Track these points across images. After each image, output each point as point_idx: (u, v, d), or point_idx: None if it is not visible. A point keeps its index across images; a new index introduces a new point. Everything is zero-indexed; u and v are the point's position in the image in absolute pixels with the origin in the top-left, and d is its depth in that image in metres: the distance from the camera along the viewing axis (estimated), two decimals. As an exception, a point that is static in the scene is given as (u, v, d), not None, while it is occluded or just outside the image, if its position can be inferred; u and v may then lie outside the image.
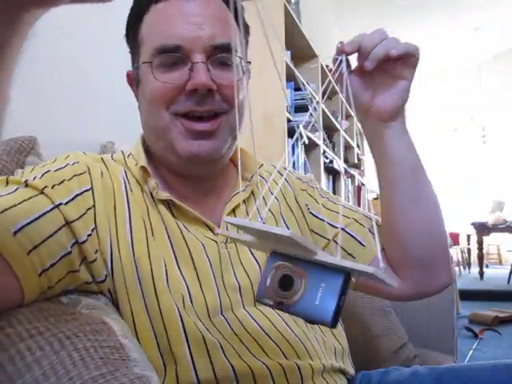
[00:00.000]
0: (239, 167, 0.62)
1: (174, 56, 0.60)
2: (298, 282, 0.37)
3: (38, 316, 0.43)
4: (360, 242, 0.71)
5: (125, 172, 0.65)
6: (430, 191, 0.68)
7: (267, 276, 0.39)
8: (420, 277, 0.69)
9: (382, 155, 0.67)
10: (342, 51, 0.59)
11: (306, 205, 0.76)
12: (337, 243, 0.73)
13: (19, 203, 0.50)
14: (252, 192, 0.71)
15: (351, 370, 0.70)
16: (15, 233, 0.47)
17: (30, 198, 0.52)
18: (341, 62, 0.59)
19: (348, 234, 0.72)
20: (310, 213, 0.76)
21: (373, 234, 0.71)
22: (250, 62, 0.68)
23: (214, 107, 0.61)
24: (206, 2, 0.62)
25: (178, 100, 0.61)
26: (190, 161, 0.63)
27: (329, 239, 0.73)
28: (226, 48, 0.61)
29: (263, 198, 0.73)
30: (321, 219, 0.74)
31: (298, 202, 0.76)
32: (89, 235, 0.56)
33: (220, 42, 0.60)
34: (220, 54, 0.61)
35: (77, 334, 0.40)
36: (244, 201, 0.70)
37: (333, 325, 0.36)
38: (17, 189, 0.52)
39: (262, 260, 0.65)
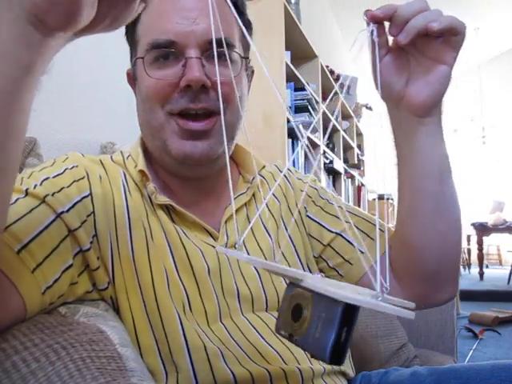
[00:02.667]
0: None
1: (167, 51, 0.59)
2: (305, 313, 0.33)
3: (33, 330, 0.42)
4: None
5: (124, 175, 0.64)
6: (455, 204, 0.61)
7: (283, 306, 0.35)
8: (424, 290, 0.65)
9: (408, 156, 0.59)
10: (371, 18, 0.48)
11: (304, 207, 0.74)
12: (333, 249, 0.71)
13: (21, 217, 0.48)
14: (253, 195, 0.70)
15: (351, 372, 0.70)
16: (19, 250, 0.46)
17: (32, 210, 0.50)
18: (372, 33, 0.48)
19: (344, 239, 0.70)
20: (307, 216, 0.74)
21: (372, 238, 0.68)
22: (247, 58, 0.65)
23: (209, 105, 0.59)
24: None
25: (172, 98, 0.59)
26: (184, 161, 0.62)
27: (325, 244, 0.71)
28: (222, 43, 0.58)
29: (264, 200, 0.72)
30: (318, 223, 0.72)
31: (297, 205, 0.74)
32: (91, 242, 0.55)
33: (215, 36, 0.58)
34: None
35: (73, 344, 0.40)
36: (245, 204, 0.69)
37: (332, 362, 0.31)
38: (17, 199, 0.50)
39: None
